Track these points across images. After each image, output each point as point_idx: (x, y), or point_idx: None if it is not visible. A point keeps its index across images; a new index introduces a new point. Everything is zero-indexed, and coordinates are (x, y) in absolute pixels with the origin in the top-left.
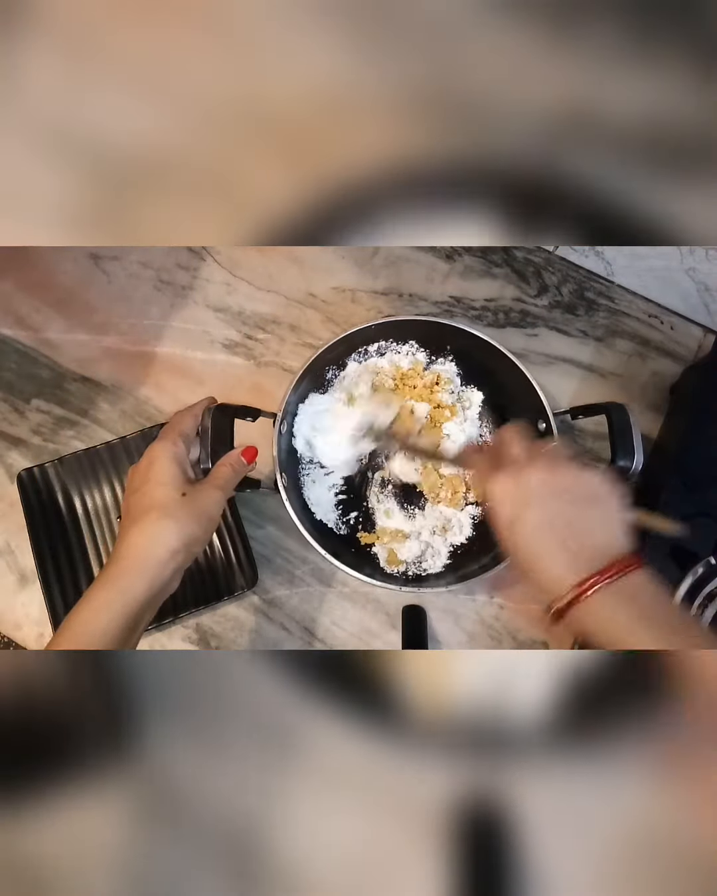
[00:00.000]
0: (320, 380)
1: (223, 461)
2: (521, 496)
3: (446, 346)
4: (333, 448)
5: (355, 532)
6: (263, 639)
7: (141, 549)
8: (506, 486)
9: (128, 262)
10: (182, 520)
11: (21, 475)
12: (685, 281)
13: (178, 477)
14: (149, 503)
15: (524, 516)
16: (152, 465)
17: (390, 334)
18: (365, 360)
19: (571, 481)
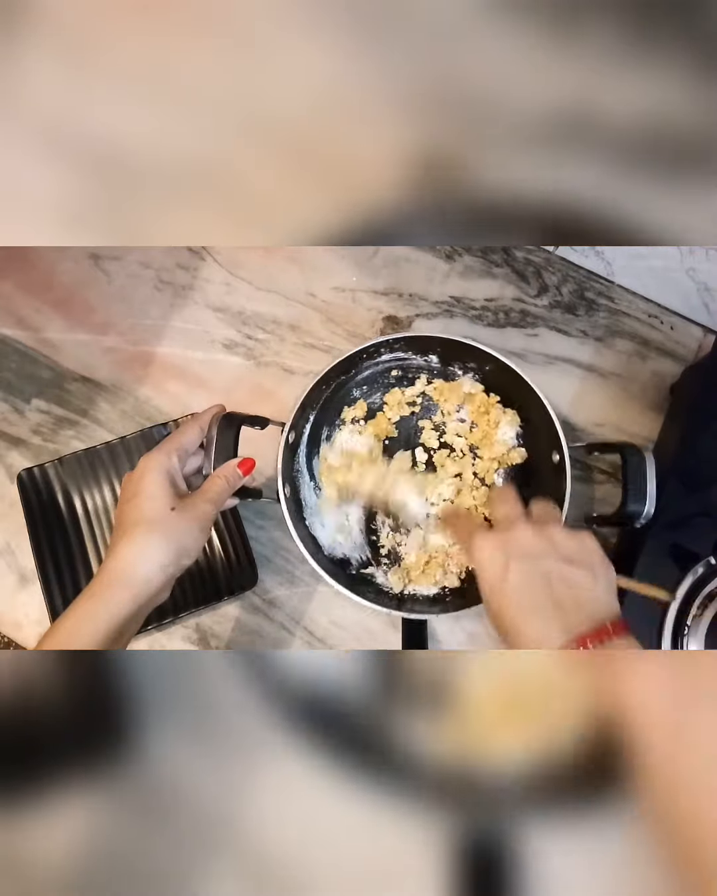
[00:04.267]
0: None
1: (218, 472)
2: (507, 555)
3: (468, 363)
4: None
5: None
6: (263, 639)
7: (127, 563)
8: (492, 544)
9: (128, 262)
10: (170, 535)
11: (21, 475)
12: (685, 281)
13: (168, 491)
14: (138, 516)
15: (509, 576)
16: (143, 478)
17: (408, 347)
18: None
19: (558, 542)
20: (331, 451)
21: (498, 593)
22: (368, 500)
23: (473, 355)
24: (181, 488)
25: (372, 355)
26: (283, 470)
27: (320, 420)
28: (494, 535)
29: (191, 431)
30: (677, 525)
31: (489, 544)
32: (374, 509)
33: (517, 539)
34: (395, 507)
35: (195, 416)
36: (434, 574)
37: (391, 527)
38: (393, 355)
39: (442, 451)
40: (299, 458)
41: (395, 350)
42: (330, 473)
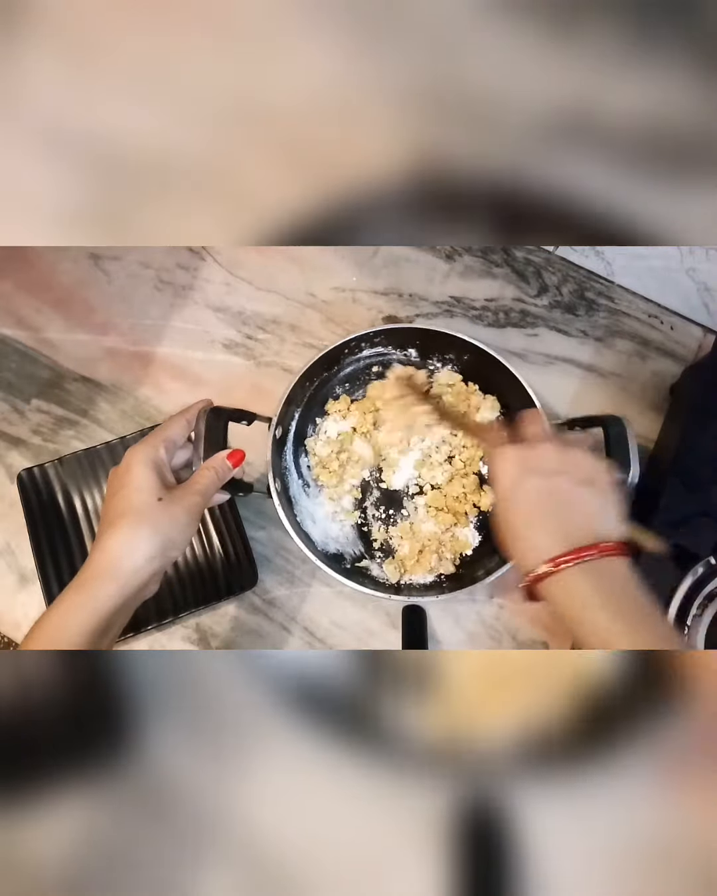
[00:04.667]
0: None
1: (207, 464)
2: (526, 468)
3: (446, 355)
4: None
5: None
6: (264, 639)
7: (113, 555)
8: (514, 456)
9: (128, 262)
10: (157, 525)
11: (21, 475)
12: (685, 281)
13: (154, 482)
14: (124, 508)
15: (524, 486)
16: (129, 470)
17: (388, 342)
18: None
19: (578, 463)
20: (317, 442)
21: (510, 501)
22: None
23: (451, 346)
24: (169, 480)
25: (354, 351)
26: (273, 464)
27: (306, 416)
28: (517, 449)
29: (177, 424)
30: (677, 525)
31: (511, 455)
32: (365, 502)
33: (539, 456)
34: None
35: (182, 410)
36: (429, 562)
37: (382, 520)
38: (374, 350)
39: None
40: (287, 455)
41: (375, 345)
42: (320, 464)
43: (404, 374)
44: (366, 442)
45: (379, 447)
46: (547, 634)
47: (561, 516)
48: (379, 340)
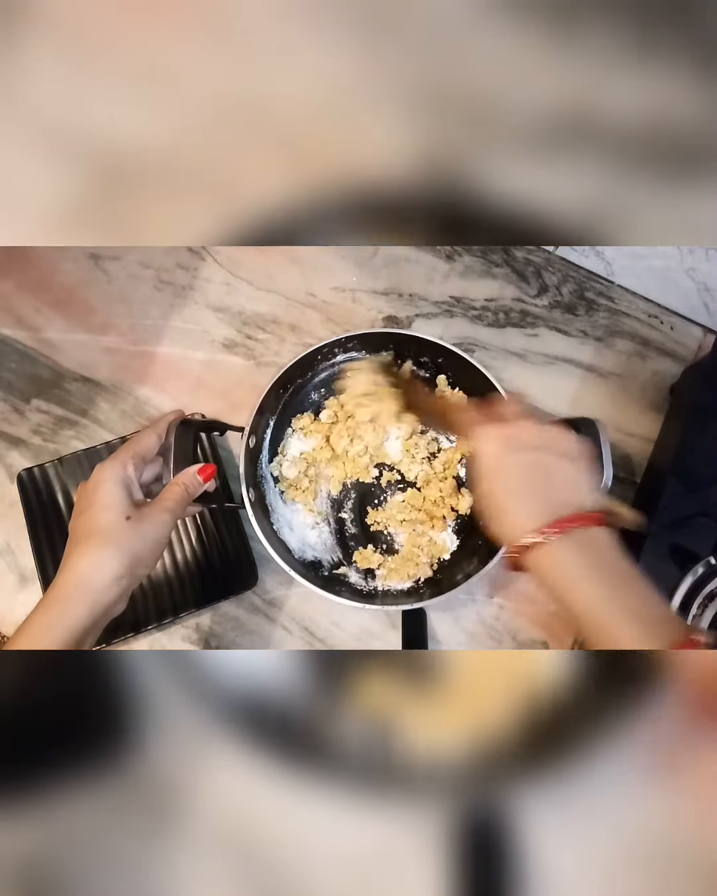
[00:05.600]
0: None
1: (177, 480)
2: (508, 443)
3: (421, 358)
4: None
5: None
6: (264, 639)
7: (81, 576)
8: (495, 434)
9: (128, 262)
10: (125, 545)
11: (21, 475)
12: (685, 281)
13: (123, 501)
14: (92, 528)
15: (508, 460)
16: (97, 488)
17: (362, 346)
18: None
19: (557, 439)
20: (282, 464)
21: (492, 476)
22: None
23: (424, 349)
24: (138, 497)
25: (327, 356)
26: (246, 475)
27: (281, 424)
28: (498, 427)
29: (147, 439)
30: (677, 525)
31: (493, 433)
32: (343, 509)
33: (519, 433)
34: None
35: (152, 423)
36: (407, 570)
37: (360, 524)
38: (347, 355)
39: (410, 440)
40: (262, 464)
41: (348, 350)
42: (291, 486)
43: (373, 363)
44: (337, 461)
45: (349, 465)
46: (547, 634)
47: (545, 489)
48: (352, 346)
